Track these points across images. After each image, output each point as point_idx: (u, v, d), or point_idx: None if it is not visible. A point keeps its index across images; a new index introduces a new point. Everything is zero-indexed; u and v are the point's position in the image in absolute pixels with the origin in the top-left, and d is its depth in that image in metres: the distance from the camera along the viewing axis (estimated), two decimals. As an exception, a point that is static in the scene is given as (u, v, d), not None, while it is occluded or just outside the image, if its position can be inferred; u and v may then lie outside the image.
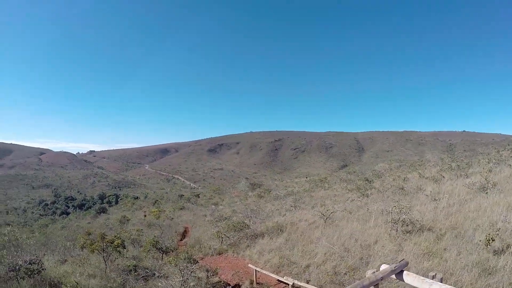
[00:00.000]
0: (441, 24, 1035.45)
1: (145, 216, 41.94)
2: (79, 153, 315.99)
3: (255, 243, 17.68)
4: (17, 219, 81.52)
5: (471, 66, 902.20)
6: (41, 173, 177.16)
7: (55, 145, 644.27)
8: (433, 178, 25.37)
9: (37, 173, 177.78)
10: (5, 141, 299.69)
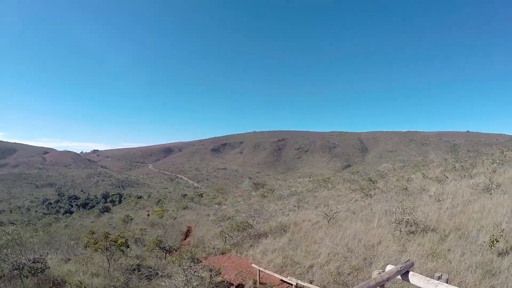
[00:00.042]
0: (443, 23, 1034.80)
1: (149, 215, 41.98)
2: (82, 152, 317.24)
3: (259, 243, 17.70)
4: (21, 217, 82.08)
5: (474, 66, 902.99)
6: (45, 172, 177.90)
7: (58, 144, 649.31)
8: (437, 178, 25.31)
9: (41, 172, 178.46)
10: (9, 140, 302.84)
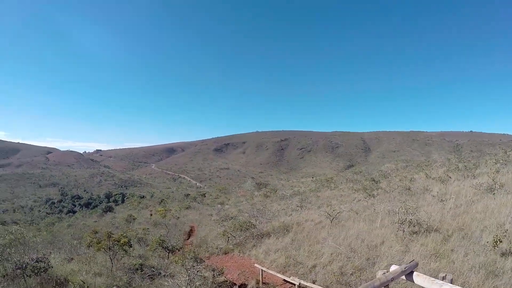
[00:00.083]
0: (446, 23, 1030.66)
1: (151, 215, 42.05)
2: (85, 152, 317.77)
3: (261, 243, 17.71)
4: (24, 217, 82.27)
5: (478, 66, 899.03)
6: (48, 172, 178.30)
7: (62, 144, 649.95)
8: (440, 178, 25.22)
9: (44, 172, 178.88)
10: (12, 140, 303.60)
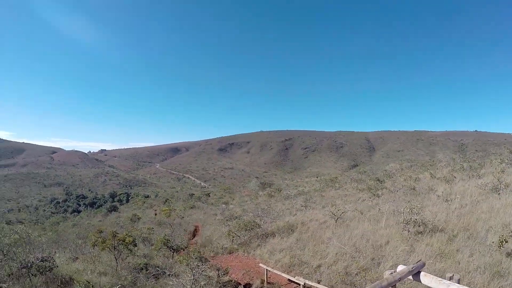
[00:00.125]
0: (450, 21, 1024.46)
1: (156, 214, 42.17)
2: (90, 152, 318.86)
3: (266, 243, 17.74)
4: (29, 216, 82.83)
5: (482, 65, 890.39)
6: (53, 172, 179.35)
7: (66, 144, 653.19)
8: (445, 178, 25.13)
9: (49, 171, 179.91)
10: (18, 140, 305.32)
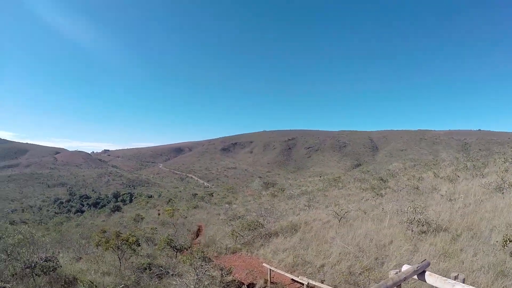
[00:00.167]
0: (453, 20, 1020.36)
1: (159, 214, 42.28)
2: (93, 152, 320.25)
3: (269, 242, 17.74)
4: (33, 217, 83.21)
5: (486, 64, 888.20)
6: (56, 172, 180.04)
7: (70, 144, 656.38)
8: (448, 177, 25.06)
9: (52, 172, 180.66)
10: (21, 141, 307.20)
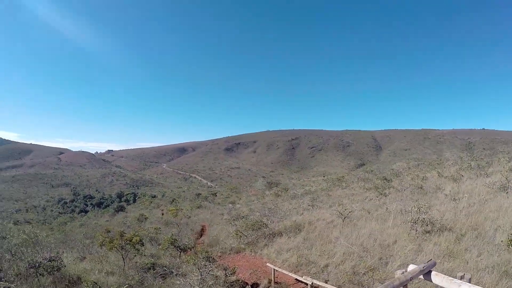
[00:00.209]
0: (456, 19, 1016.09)
1: (163, 214, 42.37)
2: (97, 152, 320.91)
3: (273, 242, 17.74)
4: (37, 217, 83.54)
5: (490, 63, 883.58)
6: (60, 172, 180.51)
7: (73, 144, 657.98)
8: (452, 177, 24.98)
9: (56, 172, 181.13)
10: (25, 141, 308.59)
